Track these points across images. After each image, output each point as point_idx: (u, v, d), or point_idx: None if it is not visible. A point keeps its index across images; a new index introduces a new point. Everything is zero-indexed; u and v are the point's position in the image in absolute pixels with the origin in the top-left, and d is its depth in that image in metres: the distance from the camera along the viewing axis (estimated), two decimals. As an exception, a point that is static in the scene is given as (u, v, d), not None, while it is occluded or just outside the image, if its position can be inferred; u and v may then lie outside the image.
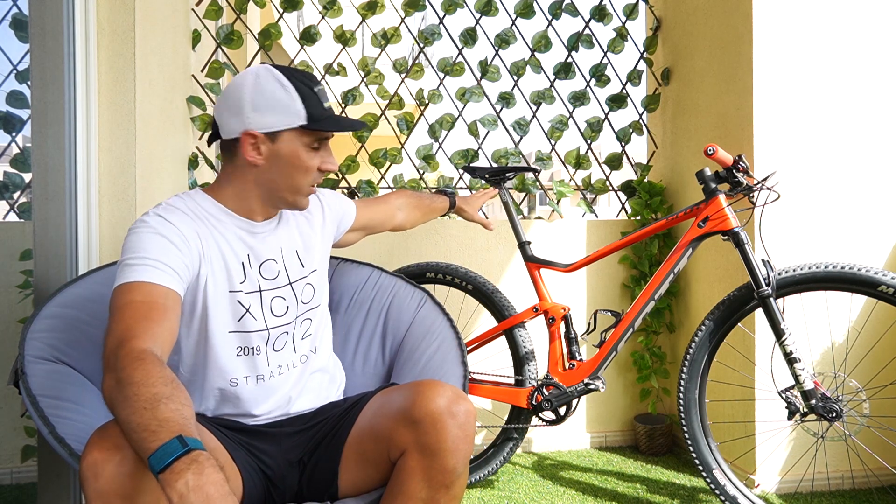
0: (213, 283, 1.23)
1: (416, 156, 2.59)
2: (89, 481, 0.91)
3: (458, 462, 1.16)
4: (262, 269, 1.30)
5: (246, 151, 1.22)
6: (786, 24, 2.08)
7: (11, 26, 2.01)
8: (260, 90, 1.20)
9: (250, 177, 1.25)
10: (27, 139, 2.02)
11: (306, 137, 1.23)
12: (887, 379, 2.10)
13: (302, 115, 1.21)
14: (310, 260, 1.39)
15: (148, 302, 1.07)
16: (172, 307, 1.10)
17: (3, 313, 1.95)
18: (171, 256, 1.14)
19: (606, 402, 2.61)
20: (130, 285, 1.09)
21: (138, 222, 1.18)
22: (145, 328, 1.03)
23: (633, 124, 2.70)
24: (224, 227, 1.27)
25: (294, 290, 1.34)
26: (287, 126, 1.21)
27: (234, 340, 1.27)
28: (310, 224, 1.43)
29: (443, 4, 2.59)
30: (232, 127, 1.22)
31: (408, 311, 1.69)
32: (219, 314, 1.24)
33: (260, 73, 1.22)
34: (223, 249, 1.25)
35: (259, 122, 1.20)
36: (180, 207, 1.23)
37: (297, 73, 1.24)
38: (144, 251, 1.13)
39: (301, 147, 1.23)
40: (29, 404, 1.17)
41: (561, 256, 2.53)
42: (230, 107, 1.21)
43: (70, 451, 1.10)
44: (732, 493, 1.82)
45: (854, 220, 2.13)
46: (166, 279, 1.12)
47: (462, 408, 1.16)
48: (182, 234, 1.18)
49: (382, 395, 1.29)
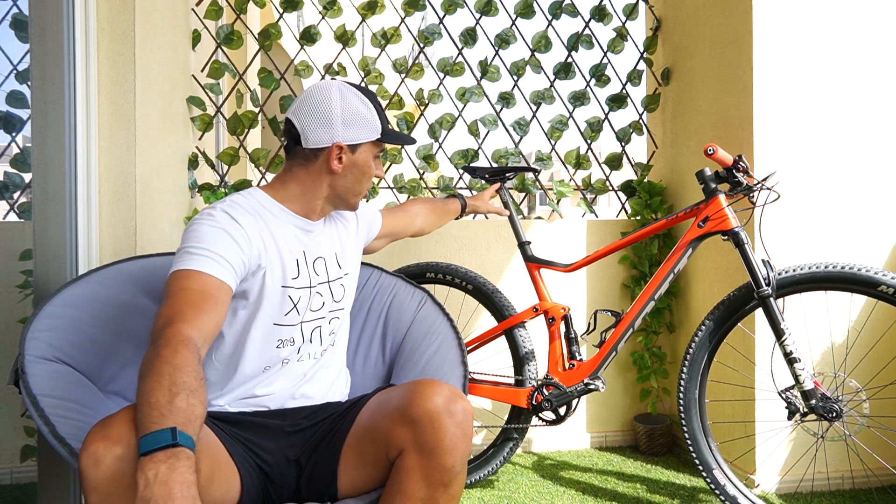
0: (270, 277, 1.30)
1: (416, 156, 2.59)
2: (89, 469, 0.92)
3: (456, 461, 1.16)
4: (314, 265, 1.38)
5: (332, 161, 1.34)
6: (786, 24, 2.09)
7: (11, 26, 2.01)
8: (348, 106, 1.34)
9: (324, 181, 1.36)
10: (27, 139, 2.02)
11: (376, 148, 1.40)
12: (887, 379, 2.10)
13: (378, 129, 1.37)
14: (345, 262, 1.48)
15: (202, 291, 1.14)
16: (223, 300, 1.17)
17: (3, 313, 1.95)
18: (231, 252, 1.21)
19: (606, 402, 2.61)
20: (188, 272, 1.15)
21: (204, 214, 1.25)
22: (194, 315, 1.09)
23: (633, 124, 2.70)
24: (282, 224, 1.35)
25: (331, 288, 1.42)
26: (367, 139, 1.36)
27: (277, 332, 1.33)
28: (346, 229, 1.52)
29: (443, 4, 2.59)
30: (320, 138, 1.33)
31: (408, 311, 1.69)
32: (269, 306, 1.31)
33: (343, 90, 1.35)
34: (281, 246, 1.32)
35: (347, 136, 1.34)
36: (244, 206, 1.31)
37: (367, 91, 1.39)
38: (206, 242, 1.20)
39: (371, 157, 1.40)
40: (29, 404, 1.17)
41: (561, 256, 2.53)
42: (319, 119, 1.32)
43: (70, 451, 1.10)
44: (732, 493, 1.82)
45: (854, 220, 2.13)
46: (222, 272, 1.18)
47: (460, 406, 1.17)
48: (245, 233, 1.26)
49: (380, 396, 1.30)
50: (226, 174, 2.63)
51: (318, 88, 1.35)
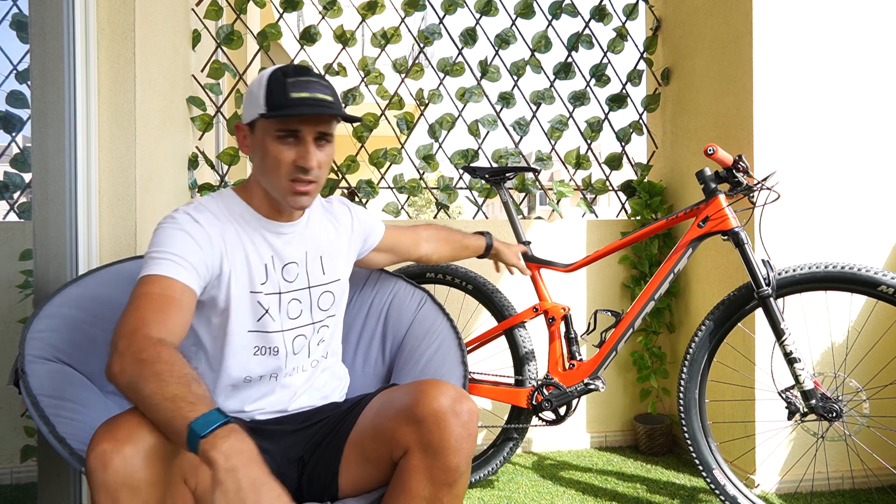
0: (235, 282, 1.26)
1: (416, 156, 2.59)
2: (97, 471, 0.91)
3: (461, 461, 1.16)
4: (284, 270, 1.32)
5: (239, 143, 1.31)
6: (786, 24, 2.09)
7: (11, 26, 2.01)
8: (251, 86, 1.27)
9: (254, 172, 1.31)
10: (27, 139, 2.02)
11: (272, 126, 1.22)
12: (887, 379, 2.10)
13: (262, 103, 1.21)
14: (333, 268, 1.41)
15: (165, 295, 1.12)
16: (187, 302, 1.15)
17: (3, 313, 1.95)
18: (192, 253, 1.19)
19: (606, 402, 2.61)
20: (150, 277, 1.14)
21: (167, 218, 1.23)
22: (159, 319, 1.08)
23: (633, 124, 2.70)
24: (251, 228, 1.30)
25: (311, 294, 1.36)
26: (252, 117, 1.25)
27: (252, 340, 1.30)
28: (337, 233, 1.45)
29: (443, 4, 2.59)
30: None
31: (408, 311, 1.69)
32: (239, 313, 1.27)
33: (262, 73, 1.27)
34: (248, 250, 1.28)
35: (244, 115, 1.29)
36: (210, 208, 1.28)
37: (291, 67, 1.25)
38: (168, 246, 1.18)
39: (269, 137, 1.23)
40: (29, 404, 1.17)
41: (561, 256, 2.53)
42: None
43: (70, 451, 1.10)
44: (732, 493, 1.82)
45: (854, 220, 2.13)
46: (184, 275, 1.16)
47: (465, 407, 1.17)
48: (207, 234, 1.23)
49: (384, 395, 1.30)
50: (226, 174, 2.63)
51: None
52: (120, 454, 0.92)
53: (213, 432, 0.88)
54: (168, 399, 0.92)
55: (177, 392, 0.93)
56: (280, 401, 1.34)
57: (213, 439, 0.87)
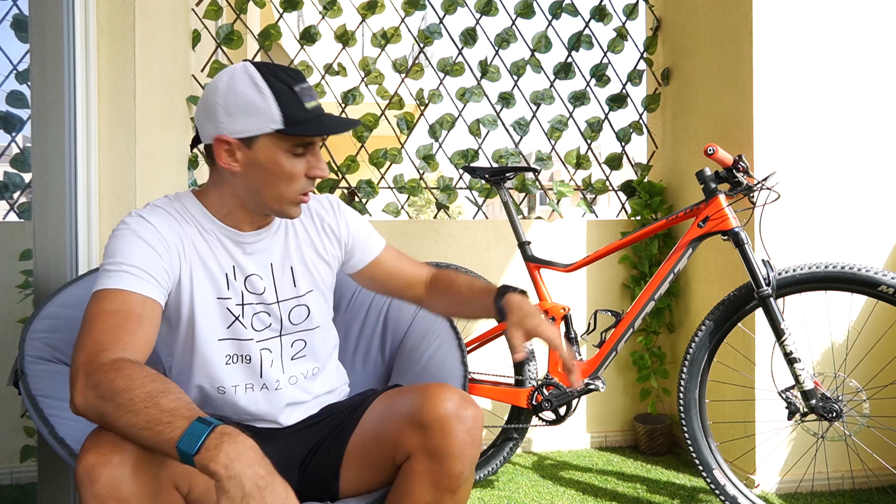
0: (198, 289, 1.18)
1: (416, 156, 2.59)
2: (86, 486, 0.90)
3: (464, 467, 1.15)
4: (246, 282, 1.23)
5: (220, 158, 1.12)
6: (786, 25, 2.08)
7: (11, 26, 2.01)
8: (232, 91, 1.09)
9: (231, 184, 1.16)
10: (27, 139, 2.02)
11: (285, 143, 1.11)
12: (887, 379, 2.10)
13: (277, 118, 1.09)
14: (306, 280, 1.29)
15: (122, 311, 1.02)
16: (149, 316, 1.05)
17: (3, 313, 1.95)
18: (150, 262, 1.08)
19: (606, 402, 2.61)
20: (105, 293, 1.04)
21: (119, 224, 1.12)
22: (116, 339, 0.98)
23: (633, 124, 2.70)
24: (209, 234, 1.20)
25: (280, 309, 1.25)
26: (261, 131, 1.09)
27: (224, 348, 1.22)
28: (312, 242, 1.31)
29: (443, 4, 2.59)
30: (207, 131, 1.13)
31: (408, 311, 1.69)
32: (207, 321, 1.19)
33: (235, 72, 1.11)
34: (206, 257, 1.19)
35: (231, 127, 1.10)
36: (165, 208, 1.17)
37: (277, 71, 1.12)
38: (122, 256, 1.07)
39: (281, 153, 1.12)
40: (29, 404, 1.17)
41: (561, 256, 2.53)
42: (204, 109, 1.12)
43: (70, 451, 1.10)
44: (732, 493, 1.82)
45: (854, 220, 2.13)
46: (143, 286, 1.06)
47: (470, 412, 1.15)
48: (161, 237, 1.12)
49: (387, 398, 1.27)
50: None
51: (217, 75, 1.13)
52: (107, 467, 0.89)
53: (203, 445, 0.83)
54: (143, 428, 0.86)
55: (148, 417, 0.86)
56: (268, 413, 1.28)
57: (206, 453, 0.82)
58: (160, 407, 0.87)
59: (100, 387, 0.91)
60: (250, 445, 0.85)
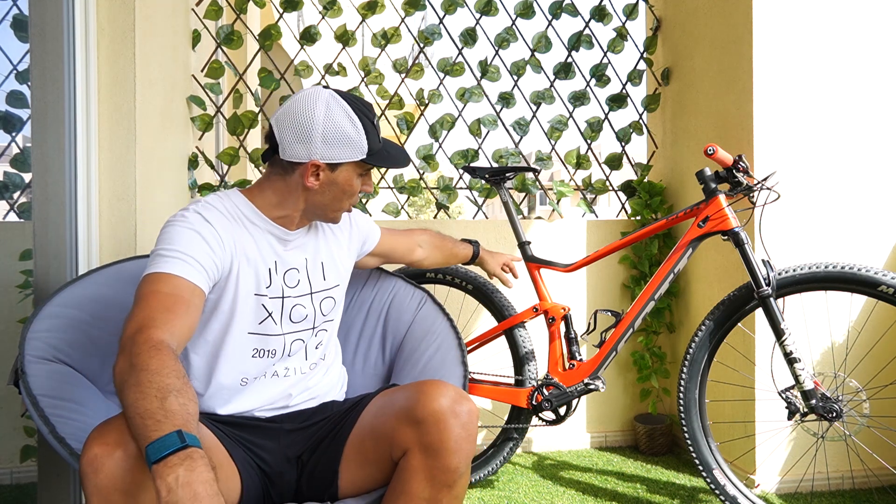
0: (243, 284, 1.26)
1: (416, 156, 2.59)
2: (89, 476, 0.91)
3: (460, 462, 1.16)
4: (286, 276, 1.33)
5: (307, 178, 1.26)
6: (786, 25, 2.08)
7: (11, 26, 2.01)
8: (332, 123, 1.23)
9: (300, 195, 1.29)
10: (27, 139, 2.01)
11: (360, 168, 1.30)
12: (887, 379, 2.10)
13: (364, 149, 1.27)
14: (333, 274, 1.42)
15: (173, 294, 1.10)
16: (196, 303, 1.13)
17: (3, 313, 1.95)
18: (203, 254, 1.18)
19: (606, 402, 2.61)
20: (159, 276, 1.12)
21: (178, 216, 1.22)
22: (166, 319, 1.05)
23: (633, 124, 2.70)
24: (257, 230, 1.30)
25: (314, 300, 1.37)
26: (350, 160, 1.26)
27: (252, 342, 1.29)
28: (337, 239, 1.46)
29: (443, 4, 2.59)
30: (297, 152, 1.24)
31: (408, 311, 1.69)
32: (243, 315, 1.27)
33: (330, 104, 1.24)
34: (254, 253, 1.28)
35: (326, 154, 1.24)
36: (218, 207, 1.27)
37: (361, 106, 1.28)
38: (178, 245, 1.16)
39: (354, 176, 1.30)
40: (29, 404, 1.17)
41: (561, 256, 2.53)
42: (298, 133, 1.23)
43: (70, 451, 1.10)
44: (732, 493, 1.82)
45: (854, 220, 2.13)
46: (194, 275, 1.15)
47: (465, 408, 1.17)
48: (217, 234, 1.22)
49: (384, 396, 1.30)
50: (226, 174, 2.63)
51: (304, 98, 1.25)
52: (111, 458, 0.91)
53: (164, 459, 0.84)
54: (139, 415, 0.89)
55: (148, 407, 0.89)
56: (279, 398, 1.34)
57: (162, 467, 0.84)
58: (164, 403, 0.90)
59: (136, 357, 0.96)
60: (204, 479, 0.85)
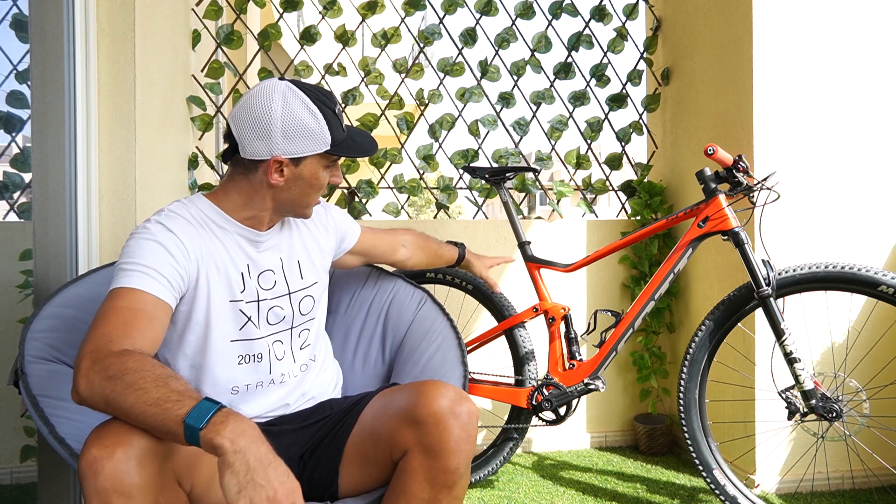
0: (214, 292, 1.24)
1: (416, 156, 2.59)
2: (88, 479, 0.91)
3: (460, 462, 1.16)
4: (259, 279, 1.30)
5: (270, 175, 1.22)
6: (786, 25, 2.08)
7: (11, 26, 2.01)
8: (290, 116, 1.19)
9: (265, 193, 1.26)
10: (27, 139, 2.02)
11: (326, 160, 1.27)
12: (887, 379, 2.10)
13: (327, 140, 1.23)
14: (310, 272, 1.40)
15: (133, 308, 1.07)
16: (160, 317, 1.11)
17: (3, 313, 1.95)
18: (166, 266, 1.15)
19: (606, 402, 2.61)
20: (120, 291, 1.10)
21: (140, 228, 1.19)
22: (125, 333, 1.03)
23: (633, 124, 2.70)
24: (226, 235, 1.27)
25: (292, 300, 1.35)
26: (313, 152, 1.23)
27: (236, 349, 1.28)
28: (313, 236, 1.43)
29: (443, 4, 2.59)
30: (257, 149, 1.21)
31: (408, 311, 1.69)
32: (221, 324, 1.25)
33: (287, 96, 1.20)
34: (223, 259, 1.25)
35: (287, 149, 1.21)
36: (182, 215, 1.23)
37: (320, 95, 1.24)
38: (140, 258, 1.13)
39: (320, 168, 1.26)
40: (29, 404, 1.17)
41: (561, 256, 2.53)
42: (256, 129, 1.20)
43: (70, 451, 1.10)
44: (732, 493, 1.82)
45: (854, 220, 2.13)
46: (157, 288, 1.12)
47: (465, 408, 1.17)
48: (181, 244, 1.18)
49: (384, 396, 1.29)
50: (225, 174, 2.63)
51: (260, 92, 1.21)
52: (110, 460, 0.91)
53: (210, 420, 0.88)
54: (151, 405, 0.90)
55: (158, 395, 0.91)
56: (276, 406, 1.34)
57: (212, 427, 0.87)
58: (169, 387, 0.92)
59: (109, 368, 0.95)
60: (254, 426, 0.90)
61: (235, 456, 0.86)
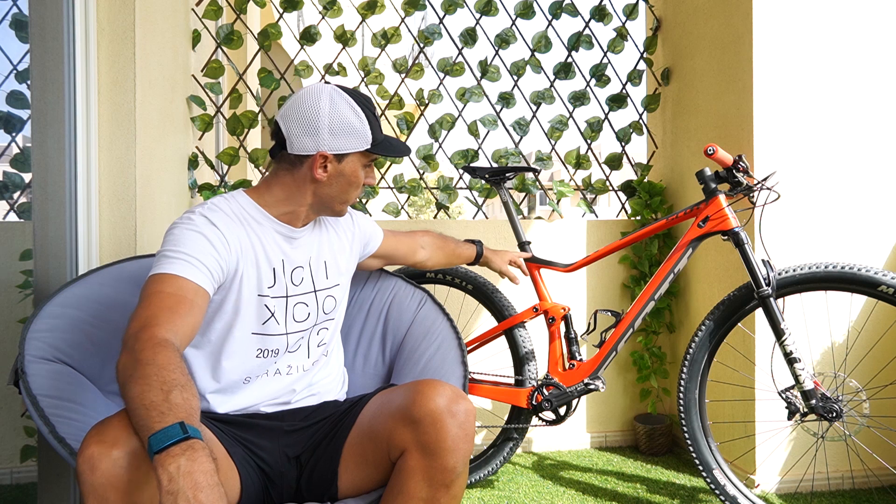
0: (247, 285, 1.28)
1: (416, 156, 2.59)
2: (85, 475, 0.91)
3: (458, 461, 1.16)
4: (292, 274, 1.35)
5: (315, 169, 1.29)
6: (786, 25, 2.09)
7: (11, 26, 2.01)
8: (337, 114, 1.28)
9: (308, 188, 1.32)
10: (27, 139, 2.01)
11: (365, 158, 1.34)
12: (887, 379, 2.10)
13: (369, 139, 1.31)
14: (335, 273, 1.44)
15: (177, 295, 1.12)
16: (199, 304, 1.15)
17: (3, 313, 1.95)
18: (208, 256, 1.20)
19: (606, 402, 2.61)
20: (164, 276, 1.14)
21: (183, 218, 1.24)
22: (169, 318, 1.07)
23: (633, 124, 2.70)
24: (263, 230, 1.32)
25: (317, 298, 1.39)
26: (355, 149, 1.30)
27: (255, 342, 1.31)
28: (340, 240, 1.48)
29: (443, 4, 2.59)
30: (305, 145, 1.28)
31: (408, 311, 1.69)
32: (246, 316, 1.29)
33: (333, 96, 1.29)
34: (259, 253, 1.30)
35: (333, 145, 1.28)
36: (224, 209, 1.28)
37: (361, 98, 1.33)
38: (184, 246, 1.18)
39: (360, 166, 1.34)
40: (29, 404, 1.17)
41: (561, 256, 2.53)
42: (305, 126, 1.27)
43: (70, 451, 1.10)
44: (732, 493, 1.82)
45: (854, 220, 2.13)
46: (199, 276, 1.16)
47: (462, 407, 1.17)
48: (223, 237, 1.24)
49: (382, 396, 1.30)
50: (226, 174, 2.63)
51: (308, 93, 1.29)
52: (108, 457, 0.91)
53: (166, 449, 0.85)
54: (144, 406, 0.91)
55: (154, 399, 0.91)
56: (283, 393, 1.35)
57: (164, 457, 0.85)
58: (168, 396, 0.92)
59: (141, 353, 0.98)
60: (205, 469, 0.86)
61: (167, 497, 0.83)
